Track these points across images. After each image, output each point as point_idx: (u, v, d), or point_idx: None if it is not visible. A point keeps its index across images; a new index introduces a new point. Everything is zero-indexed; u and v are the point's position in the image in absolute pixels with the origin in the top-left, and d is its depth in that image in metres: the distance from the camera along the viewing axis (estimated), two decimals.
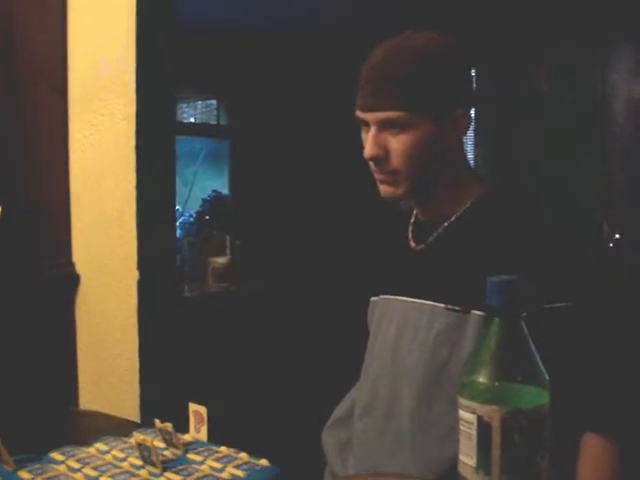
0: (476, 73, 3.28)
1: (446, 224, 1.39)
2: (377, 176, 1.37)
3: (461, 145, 1.43)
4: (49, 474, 1.32)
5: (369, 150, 1.33)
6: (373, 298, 1.53)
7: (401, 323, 1.40)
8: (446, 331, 1.31)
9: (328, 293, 4.23)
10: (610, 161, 4.16)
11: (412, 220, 1.49)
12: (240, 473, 1.30)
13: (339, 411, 1.58)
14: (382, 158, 1.33)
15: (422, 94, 1.30)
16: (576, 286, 1.27)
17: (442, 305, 1.32)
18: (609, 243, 4.00)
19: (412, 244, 1.45)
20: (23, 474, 1.32)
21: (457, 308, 1.30)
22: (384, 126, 1.32)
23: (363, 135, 1.37)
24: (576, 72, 4.25)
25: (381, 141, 1.33)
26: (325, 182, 5.01)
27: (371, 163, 1.36)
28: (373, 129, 1.33)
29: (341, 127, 4.66)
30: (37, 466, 1.35)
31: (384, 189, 1.38)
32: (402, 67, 1.30)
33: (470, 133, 4.50)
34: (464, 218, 1.38)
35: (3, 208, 1.87)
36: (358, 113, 1.36)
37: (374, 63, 1.34)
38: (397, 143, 1.32)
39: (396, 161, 1.33)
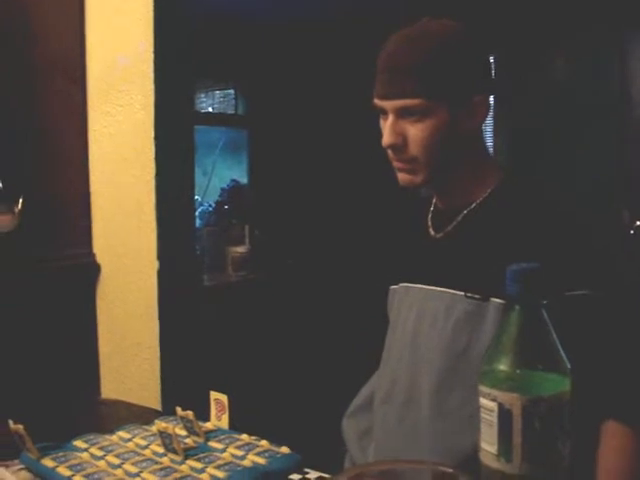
0: (494, 62, 3.26)
1: (465, 212, 1.39)
2: (395, 164, 1.37)
3: (480, 132, 1.42)
4: (72, 462, 1.33)
5: (387, 138, 1.33)
6: (393, 287, 1.52)
7: (420, 311, 1.40)
8: (465, 318, 1.31)
9: (348, 281, 4.23)
10: (629, 148, 4.12)
11: (431, 208, 1.49)
12: (261, 460, 1.31)
13: (359, 399, 1.58)
14: (400, 146, 1.33)
15: (440, 81, 1.29)
16: (596, 274, 1.26)
17: (461, 293, 1.32)
18: (630, 230, 3.97)
19: (432, 232, 1.45)
20: (47, 462, 1.33)
21: (477, 296, 1.30)
22: (402, 114, 1.31)
23: (381, 123, 1.37)
24: (594, 59, 4.21)
25: (399, 129, 1.32)
26: (344, 170, 5.00)
27: (389, 151, 1.36)
28: (391, 117, 1.32)
29: (359, 115, 4.66)
30: (61, 454, 1.37)
31: (403, 177, 1.38)
32: (419, 54, 1.29)
33: (489, 121, 4.47)
34: (483, 206, 1.37)
35: (24, 199, 1.89)
36: (376, 101, 1.35)
37: (391, 51, 1.33)
38: (415, 130, 1.31)
39: (414, 149, 1.32)
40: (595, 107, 4.16)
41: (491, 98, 1.43)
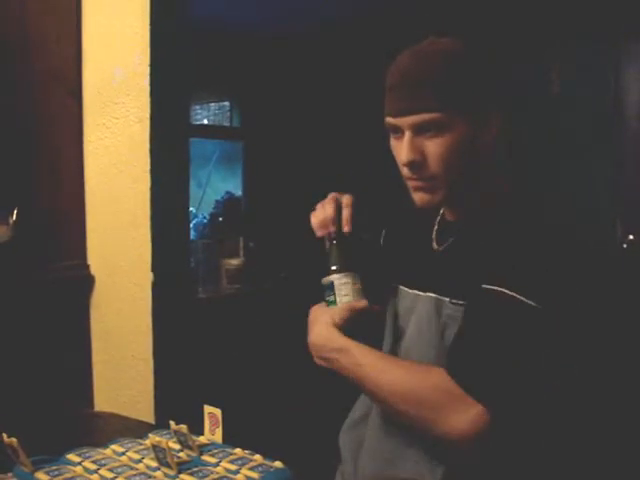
0: None
1: (464, 226, 1.40)
2: (412, 184, 1.34)
3: (495, 147, 1.39)
4: (66, 475, 1.33)
5: (407, 155, 1.30)
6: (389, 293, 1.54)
7: (409, 315, 1.43)
8: (449, 323, 1.33)
9: None
10: (623, 161, 4.13)
11: (438, 219, 1.49)
12: (255, 475, 1.31)
13: (355, 413, 1.58)
14: (420, 163, 1.30)
15: (457, 94, 1.27)
16: (538, 282, 1.24)
17: (447, 299, 1.34)
18: (622, 244, 3.97)
19: (435, 246, 1.45)
20: (40, 475, 1.33)
21: (460, 302, 1.31)
22: (419, 130, 1.29)
23: (392, 143, 1.35)
24: (588, 72, 4.22)
25: (417, 146, 1.29)
26: (338, 183, 5.01)
27: (405, 170, 1.33)
28: (408, 134, 1.30)
29: (354, 128, 4.67)
30: (54, 467, 1.36)
31: (420, 197, 1.35)
32: (435, 68, 1.28)
33: None
34: (481, 221, 1.37)
35: (19, 210, 1.88)
36: (389, 120, 1.33)
37: (403, 68, 1.31)
38: (434, 146, 1.29)
39: (434, 165, 1.30)
40: (590, 120, 4.17)
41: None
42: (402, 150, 1.30)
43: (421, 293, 1.42)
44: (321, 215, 1.50)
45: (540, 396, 1.22)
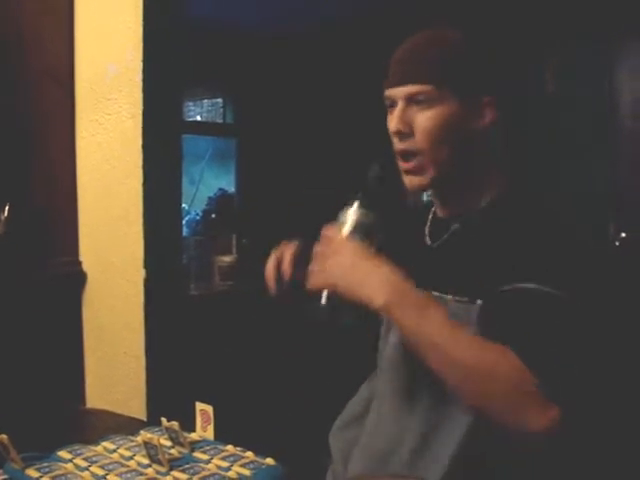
0: None
1: (460, 222, 1.40)
2: (403, 166, 1.38)
3: (487, 139, 1.41)
4: (57, 472, 1.32)
5: (394, 124, 1.35)
6: None
7: None
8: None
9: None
10: (616, 160, 4.14)
11: (430, 217, 1.49)
12: (246, 472, 1.31)
13: (346, 414, 1.58)
14: (407, 134, 1.34)
15: (450, 71, 1.33)
16: (555, 271, 1.24)
17: (450, 296, 1.33)
18: (615, 242, 3.98)
19: (428, 241, 1.46)
20: (31, 472, 1.33)
21: (465, 299, 1.30)
22: (411, 101, 1.34)
23: (388, 118, 1.38)
24: (582, 72, 4.23)
25: (407, 117, 1.34)
26: (332, 180, 5.01)
27: (396, 141, 1.37)
28: (400, 104, 1.35)
29: (348, 125, 4.66)
30: (45, 464, 1.36)
31: (410, 180, 1.38)
32: (431, 47, 1.35)
33: None
34: (477, 217, 1.38)
35: (10, 206, 1.88)
36: (386, 92, 1.38)
37: (403, 48, 1.38)
38: (423, 118, 1.33)
39: (420, 138, 1.34)
40: (583, 120, 4.18)
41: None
42: (392, 120, 1.35)
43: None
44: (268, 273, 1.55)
45: (594, 392, 1.24)
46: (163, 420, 1.43)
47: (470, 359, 1.18)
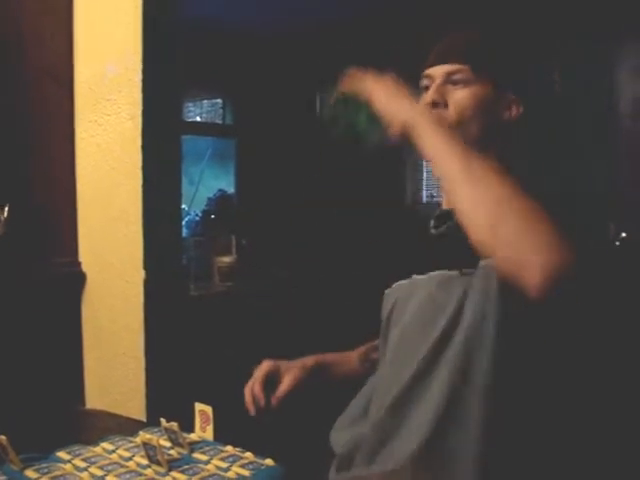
0: None
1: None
2: None
3: (510, 135, 1.48)
4: (55, 473, 1.32)
5: (431, 95, 1.43)
6: (386, 291, 1.54)
7: (409, 299, 1.43)
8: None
9: (335, 293, 4.22)
10: (618, 159, 4.14)
11: (437, 212, 1.53)
12: (246, 472, 1.31)
13: (347, 414, 1.58)
14: (441, 104, 1.42)
15: (485, 55, 1.44)
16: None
17: (456, 272, 1.34)
18: (615, 242, 3.98)
19: (432, 231, 1.50)
20: (30, 473, 1.32)
21: (472, 270, 1.32)
22: (448, 79, 1.43)
23: (423, 97, 1.46)
24: (582, 72, 4.23)
25: (443, 92, 1.43)
26: (332, 180, 5.00)
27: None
28: (438, 80, 1.44)
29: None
30: (43, 465, 1.35)
31: None
32: (470, 35, 1.48)
33: None
34: None
35: (10, 207, 1.88)
36: (425, 72, 1.47)
37: (443, 40, 1.49)
38: (458, 94, 1.42)
39: (453, 110, 1.41)
40: (583, 120, 4.18)
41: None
42: (428, 94, 1.44)
43: (422, 276, 1.42)
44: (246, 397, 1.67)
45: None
46: (162, 421, 1.43)
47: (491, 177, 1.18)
